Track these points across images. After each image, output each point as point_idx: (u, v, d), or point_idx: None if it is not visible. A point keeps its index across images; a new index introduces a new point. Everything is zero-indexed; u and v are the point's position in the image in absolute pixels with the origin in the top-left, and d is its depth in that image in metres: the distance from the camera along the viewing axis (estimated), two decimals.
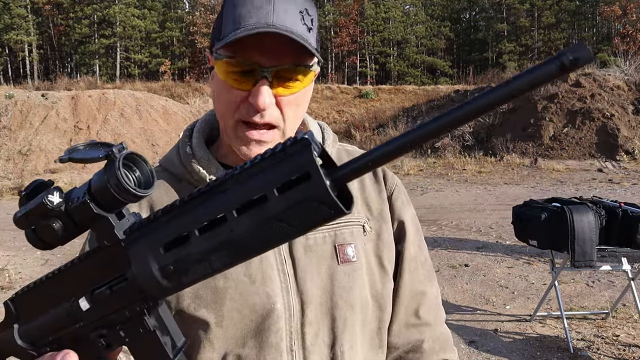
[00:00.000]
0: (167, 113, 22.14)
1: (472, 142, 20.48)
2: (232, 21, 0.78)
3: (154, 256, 0.51)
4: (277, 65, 0.79)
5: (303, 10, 0.80)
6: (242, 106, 0.82)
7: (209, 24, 44.28)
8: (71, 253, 7.59)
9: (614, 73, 21.02)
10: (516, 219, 4.32)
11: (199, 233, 0.48)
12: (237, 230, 0.47)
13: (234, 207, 0.47)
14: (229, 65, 0.80)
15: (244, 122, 0.83)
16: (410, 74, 48.29)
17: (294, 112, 0.85)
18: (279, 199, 0.45)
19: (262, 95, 0.78)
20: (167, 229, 0.51)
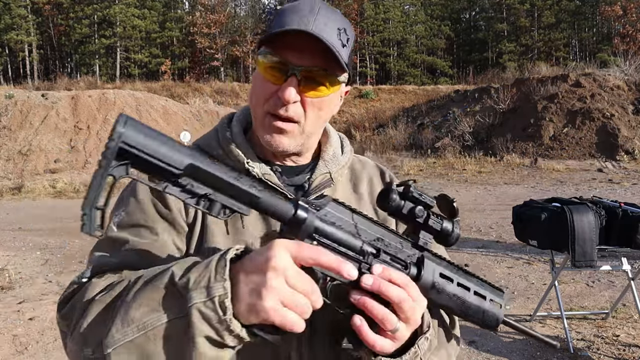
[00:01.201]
0: (167, 113, 22.14)
1: (472, 142, 20.47)
2: (278, 25, 0.88)
3: (434, 274, 0.82)
4: (307, 66, 0.88)
5: (342, 28, 0.90)
6: (271, 99, 0.91)
7: (209, 24, 44.28)
8: (71, 253, 7.60)
9: (614, 73, 21.02)
10: (516, 219, 4.31)
11: (457, 284, 0.85)
12: (469, 299, 0.86)
13: (474, 289, 0.87)
14: (267, 60, 0.90)
15: (270, 114, 0.92)
16: (410, 73, 48.30)
17: (315, 114, 0.93)
18: (489, 303, 0.89)
19: (288, 90, 0.87)
20: (447, 269, 0.85)
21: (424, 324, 0.83)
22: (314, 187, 0.99)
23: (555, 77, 21.50)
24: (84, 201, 0.61)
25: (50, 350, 4.14)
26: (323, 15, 0.88)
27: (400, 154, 21.09)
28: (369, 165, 1.13)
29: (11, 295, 5.60)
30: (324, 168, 1.01)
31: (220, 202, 0.67)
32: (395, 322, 0.75)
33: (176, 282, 0.69)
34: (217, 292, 0.66)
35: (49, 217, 11.10)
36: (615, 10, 43.69)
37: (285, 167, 1.00)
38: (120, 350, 0.68)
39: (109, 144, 0.61)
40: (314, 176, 1.00)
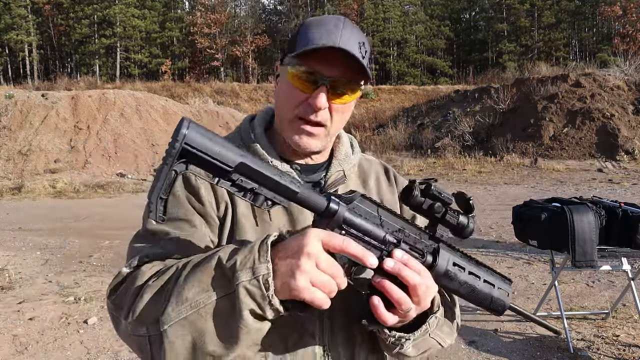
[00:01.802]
0: (167, 113, 22.14)
1: (472, 142, 20.47)
2: (306, 39, 0.99)
3: (448, 263, 0.91)
4: (335, 77, 1.00)
5: (361, 42, 1.01)
6: (301, 105, 1.02)
7: (209, 24, 44.28)
8: (71, 253, 7.60)
9: (614, 73, 21.02)
10: (516, 219, 4.31)
11: (468, 273, 0.93)
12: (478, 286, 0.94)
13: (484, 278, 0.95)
14: (298, 71, 1.00)
15: (299, 118, 1.03)
16: (410, 74, 48.29)
17: (339, 118, 1.06)
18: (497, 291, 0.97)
19: (319, 98, 0.99)
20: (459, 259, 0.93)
21: (435, 304, 0.96)
22: (329, 184, 1.10)
23: (555, 77, 21.50)
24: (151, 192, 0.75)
25: (50, 350, 4.14)
26: (347, 31, 1.00)
27: (400, 154, 21.09)
28: (375, 163, 1.24)
29: (11, 295, 5.60)
30: (337, 166, 1.13)
31: (264, 195, 0.79)
32: (409, 304, 0.85)
33: (224, 265, 0.79)
34: (261, 272, 0.77)
35: (49, 217, 11.10)
36: (615, 10, 43.68)
37: (304, 166, 1.11)
38: (176, 326, 0.79)
39: (173, 144, 0.73)
40: (329, 174, 1.11)
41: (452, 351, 3.94)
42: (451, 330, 1.06)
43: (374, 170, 1.21)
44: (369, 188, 1.17)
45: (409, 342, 0.93)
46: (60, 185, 15.88)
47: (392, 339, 0.93)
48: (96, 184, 16.24)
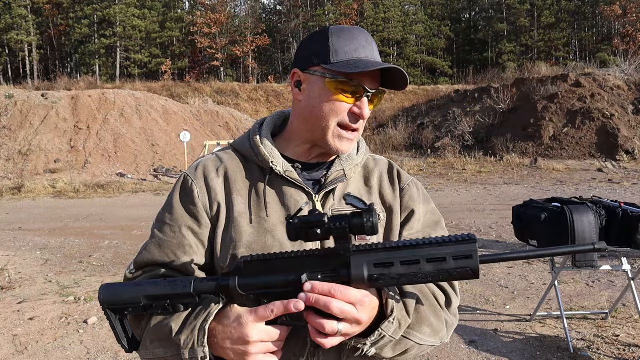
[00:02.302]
0: (167, 113, 22.14)
1: (472, 142, 20.47)
2: (344, 52, 1.08)
3: (368, 267, 0.89)
4: (376, 90, 1.11)
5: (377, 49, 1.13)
6: (343, 114, 1.10)
7: (209, 24, 44.27)
8: (70, 253, 7.60)
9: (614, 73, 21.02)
10: (516, 219, 4.31)
11: (400, 264, 0.89)
12: (424, 270, 0.88)
13: (426, 258, 0.88)
14: (343, 84, 1.08)
15: (341, 125, 1.11)
16: (410, 73, 48.25)
17: (364, 123, 1.15)
18: (453, 262, 0.87)
19: (366, 109, 1.10)
20: (381, 256, 0.90)
21: (388, 308, 0.95)
22: (329, 181, 1.16)
23: (555, 77, 21.50)
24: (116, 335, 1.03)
25: (50, 350, 4.14)
26: (374, 44, 1.12)
27: (400, 154, 21.10)
28: (382, 163, 1.29)
29: (11, 295, 5.60)
30: (339, 166, 1.19)
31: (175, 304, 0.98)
32: (333, 326, 0.89)
33: (173, 338, 0.98)
34: (199, 355, 0.94)
35: (49, 217, 11.10)
36: (615, 10, 43.67)
37: (308, 164, 1.19)
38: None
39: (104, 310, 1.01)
40: (330, 172, 1.18)
41: (452, 351, 3.94)
42: (433, 330, 1.05)
43: (379, 169, 1.26)
44: (371, 185, 1.22)
45: (366, 346, 0.96)
46: (60, 185, 15.88)
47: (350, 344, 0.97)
48: (96, 183, 16.24)
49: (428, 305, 1.05)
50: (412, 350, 1.05)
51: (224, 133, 23.30)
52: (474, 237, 0.87)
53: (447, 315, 1.10)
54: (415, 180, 1.27)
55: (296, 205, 1.11)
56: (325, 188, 1.15)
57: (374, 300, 0.93)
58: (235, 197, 1.13)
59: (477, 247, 0.87)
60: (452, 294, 1.13)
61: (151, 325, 1.03)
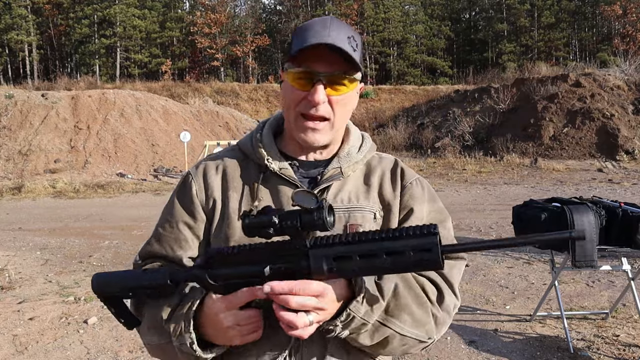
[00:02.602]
0: (167, 113, 22.13)
1: (472, 142, 20.48)
2: (299, 42, 1.07)
3: (327, 260, 0.90)
4: (329, 72, 1.07)
5: (350, 36, 1.08)
6: (302, 102, 1.09)
7: (209, 24, 44.27)
8: (70, 253, 7.60)
9: (614, 73, 21.03)
10: (516, 219, 4.31)
11: (359, 258, 0.89)
12: (382, 264, 0.88)
13: (384, 251, 0.87)
14: (294, 73, 1.08)
15: (302, 115, 1.10)
16: (410, 73, 48.28)
17: (341, 110, 1.13)
18: (412, 256, 0.86)
19: (317, 94, 1.06)
20: (340, 249, 0.90)
21: (356, 288, 0.96)
22: (325, 178, 1.16)
23: (555, 77, 21.50)
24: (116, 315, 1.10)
25: (50, 350, 4.14)
26: (335, 28, 1.07)
27: (400, 154, 21.09)
28: (387, 161, 1.28)
29: (11, 295, 5.60)
30: (336, 164, 1.19)
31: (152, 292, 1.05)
32: (304, 320, 0.91)
33: (164, 326, 1.04)
34: (187, 341, 1.01)
35: (49, 217, 11.10)
36: (615, 10, 43.67)
37: (306, 162, 1.20)
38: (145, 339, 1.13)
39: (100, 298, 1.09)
40: (326, 170, 1.18)
41: (452, 351, 3.94)
42: (415, 321, 1.04)
43: (382, 168, 1.25)
44: (371, 183, 1.22)
45: (337, 327, 0.97)
46: (60, 185, 15.88)
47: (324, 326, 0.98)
48: (96, 183, 16.24)
49: (412, 295, 1.04)
50: (394, 341, 1.04)
51: (224, 133, 23.29)
52: (434, 229, 0.86)
53: (436, 310, 1.08)
54: (420, 178, 1.26)
55: (288, 202, 1.11)
56: (319, 186, 1.15)
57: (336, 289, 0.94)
58: (231, 194, 1.16)
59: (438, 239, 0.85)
60: (445, 289, 1.11)
61: (146, 312, 1.10)
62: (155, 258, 1.19)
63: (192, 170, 1.24)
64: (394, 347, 1.05)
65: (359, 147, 1.24)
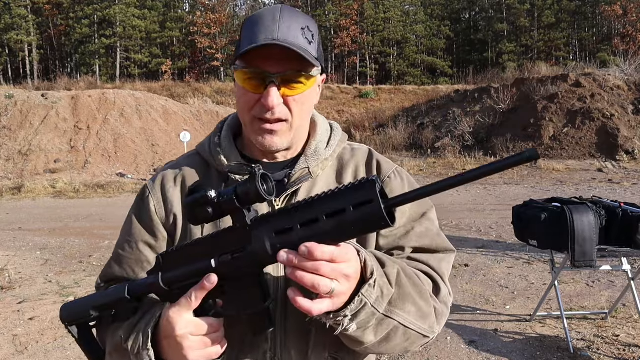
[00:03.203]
0: (167, 113, 22.14)
1: (472, 142, 20.47)
2: (247, 40, 0.97)
3: (269, 237, 0.81)
4: (282, 72, 0.97)
5: (304, 27, 0.98)
6: (256, 106, 1.00)
7: (209, 24, 44.27)
8: (70, 253, 7.60)
9: (614, 73, 21.02)
10: (516, 219, 4.31)
11: (300, 227, 0.79)
12: (324, 228, 0.77)
13: (324, 213, 0.77)
14: (245, 73, 0.99)
15: (258, 119, 1.01)
16: (410, 73, 48.27)
17: (299, 109, 1.03)
18: (353, 213, 0.75)
19: (270, 97, 0.97)
20: (279, 222, 0.81)
21: (367, 270, 0.84)
22: (293, 181, 1.07)
23: (555, 77, 21.50)
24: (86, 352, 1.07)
25: (50, 350, 4.14)
26: (286, 21, 0.97)
27: (400, 154, 21.09)
28: (360, 153, 1.17)
29: (11, 295, 5.60)
30: (303, 163, 1.08)
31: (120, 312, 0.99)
32: (328, 284, 0.78)
33: (122, 345, 0.96)
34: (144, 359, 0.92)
35: (49, 217, 11.10)
36: (615, 10, 43.67)
37: (270, 164, 1.09)
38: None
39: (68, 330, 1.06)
40: (293, 171, 1.07)
41: (452, 351, 3.94)
42: (420, 311, 0.93)
43: (355, 161, 1.14)
44: (343, 182, 1.10)
45: (347, 318, 0.83)
46: (60, 185, 15.87)
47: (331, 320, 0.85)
48: (96, 183, 16.24)
49: (412, 284, 0.93)
50: (397, 335, 0.92)
51: None
52: (373, 178, 0.76)
53: (435, 302, 0.99)
54: (398, 169, 1.16)
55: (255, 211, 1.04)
56: (287, 190, 1.05)
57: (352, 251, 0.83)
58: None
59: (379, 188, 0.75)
60: (440, 281, 1.03)
61: (109, 336, 1.02)
62: (117, 281, 1.10)
63: (150, 183, 1.15)
64: (396, 343, 0.93)
65: (327, 141, 1.14)
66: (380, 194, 0.75)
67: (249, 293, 0.88)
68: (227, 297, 0.89)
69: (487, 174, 0.70)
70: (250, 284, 0.88)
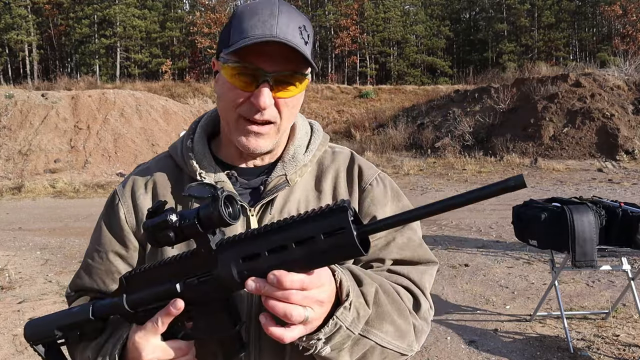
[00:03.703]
0: (167, 113, 22.14)
1: (472, 142, 20.47)
2: (239, 32, 0.90)
3: (235, 264, 0.77)
4: (278, 72, 0.91)
5: (301, 26, 0.92)
6: (244, 105, 0.93)
7: (209, 24, 44.28)
8: (70, 253, 7.60)
9: (614, 73, 21.02)
10: (516, 219, 4.31)
11: (268, 254, 0.75)
12: (293, 256, 0.73)
13: (293, 241, 0.73)
14: (236, 69, 0.91)
15: (245, 118, 0.95)
16: (410, 73, 48.28)
17: (289, 112, 0.97)
18: (324, 241, 0.71)
19: (263, 97, 0.90)
20: (247, 248, 0.77)
21: (343, 292, 0.80)
22: (269, 189, 1.00)
23: (555, 77, 21.49)
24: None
25: None
26: (284, 17, 0.90)
27: (400, 154, 21.09)
28: (341, 157, 1.09)
29: (11, 295, 5.60)
30: (280, 170, 1.02)
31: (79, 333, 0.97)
32: (301, 313, 0.74)
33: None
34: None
35: (49, 217, 11.10)
36: (615, 10, 43.68)
37: (246, 170, 1.04)
38: None
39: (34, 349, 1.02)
40: (270, 178, 1.01)
41: (452, 351, 3.94)
42: (398, 330, 0.89)
43: (335, 167, 1.07)
44: (323, 189, 1.04)
45: (320, 342, 0.79)
46: (60, 185, 15.87)
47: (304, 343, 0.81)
48: (96, 183, 16.23)
49: (391, 302, 0.89)
50: (374, 355, 0.88)
51: None
52: (345, 203, 0.71)
53: (415, 319, 0.95)
54: (381, 175, 1.08)
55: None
56: (262, 199, 0.99)
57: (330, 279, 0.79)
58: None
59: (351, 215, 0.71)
60: (420, 296, 0.98)
61: (78, 354, 0.99)
62: (86, 291, 1.07)
63: (119, 189, 1.09)
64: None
65: (307, 145, 1.07)
66: (354, 218, 0.71)
67: (217, 317, 0.85)
68: (196, 321, 0.87)
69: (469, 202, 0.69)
70: (219, 309, 0.84)
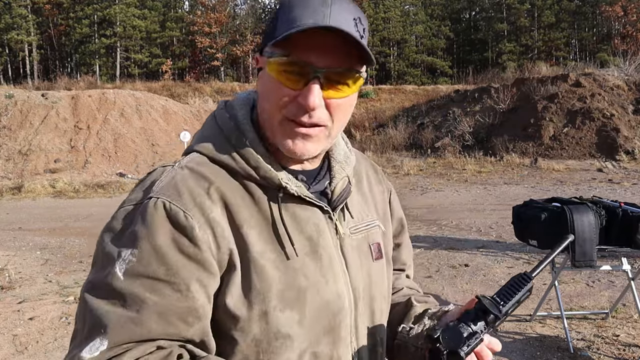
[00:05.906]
0: (167, 113, 22.13)
1: (472, 142, 20.47)
2: (287, 22, 0.78)
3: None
4: (331, 67, 0.79)
5: (357, 17, 0.81)
6: (290, 105, 0.81)
7: (210, 23, 44.27)
8: (70, 253, 7.60)
9: (614, 73, 21.02)
10: (516, 219, 4.31)
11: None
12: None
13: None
14: (282, 64, 0.80)
15: (290, 120, 0.82)
16: (410, 73, 48.28)
17: (342, 115, 0.85)
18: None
19: (312, 96, 0.79)
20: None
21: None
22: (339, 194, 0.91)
23: (555, 77, 21.49)
24: None
25: (50, 350, 4.14)
26: (337, 6, 0.78)
27: (400, 154, 21.09)
28: (362, 159, 1.05)
29: (11, 295, 5.60)
30: (341, 171, 0.92)
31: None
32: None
33: None
34: None
35: (49, 217, 11.10)
36: (615, 10, 43.68)
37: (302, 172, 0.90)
38: None
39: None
40: (334, 182, 0.91)
41: None
42: None
43: (364, 168, 1.04)
44: (364, 192, 1.00)
45: None
46: (60, 185, 15.87)
47: None
48: (96, 183, 16.23)
49: None
50: None
51: None
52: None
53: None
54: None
55: (318, 231, 0.87)
56: (338, 203, 0.90)
57: None
58: (247, 232, 0.81)
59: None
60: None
61: None
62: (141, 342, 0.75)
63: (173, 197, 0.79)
64: None
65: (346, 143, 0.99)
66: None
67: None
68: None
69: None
70: None
